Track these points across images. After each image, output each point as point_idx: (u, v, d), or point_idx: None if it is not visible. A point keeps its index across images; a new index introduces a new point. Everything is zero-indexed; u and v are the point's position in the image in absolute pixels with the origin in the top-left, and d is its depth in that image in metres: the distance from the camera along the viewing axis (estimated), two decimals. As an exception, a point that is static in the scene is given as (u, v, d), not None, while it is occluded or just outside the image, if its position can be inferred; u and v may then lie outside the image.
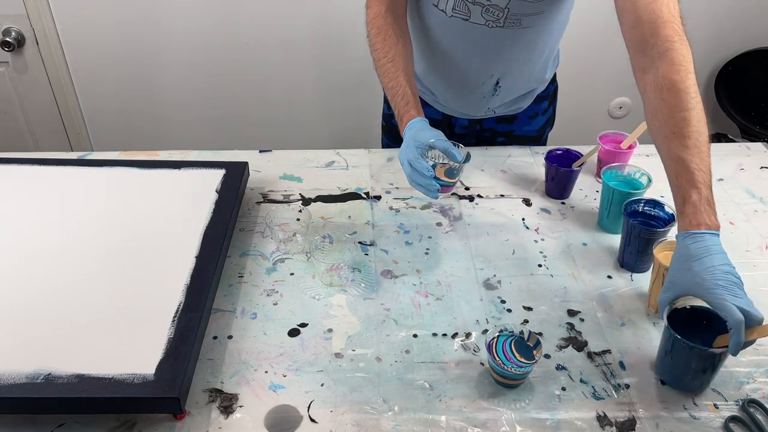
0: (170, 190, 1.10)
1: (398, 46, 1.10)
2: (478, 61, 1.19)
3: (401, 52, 1.10)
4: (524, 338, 0.85)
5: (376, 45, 1.11)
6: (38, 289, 0.89)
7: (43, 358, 0.79)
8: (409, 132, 1.02)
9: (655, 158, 0.91)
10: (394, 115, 1.08)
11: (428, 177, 0.95)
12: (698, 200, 0.82)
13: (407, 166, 0.98)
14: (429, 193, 0.97)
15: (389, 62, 1.09)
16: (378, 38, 1.11)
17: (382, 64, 1.10)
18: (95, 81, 2.04)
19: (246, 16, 1.94)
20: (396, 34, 1.11)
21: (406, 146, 0.99)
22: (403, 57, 1.10)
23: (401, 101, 1.06)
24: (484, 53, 1.17)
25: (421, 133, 0.99)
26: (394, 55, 1.09)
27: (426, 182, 0.96)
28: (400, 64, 1.09)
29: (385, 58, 1.10)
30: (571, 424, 0.79)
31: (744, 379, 0.85)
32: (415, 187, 0.98)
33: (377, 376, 0.85)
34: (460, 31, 1.14)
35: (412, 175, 0.97)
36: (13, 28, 1.89)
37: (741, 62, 2.07)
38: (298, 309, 0.95)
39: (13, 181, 1.11)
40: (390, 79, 1.09)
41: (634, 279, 1.01)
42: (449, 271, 1.02)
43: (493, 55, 1.18)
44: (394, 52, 1.10)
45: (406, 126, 1.03)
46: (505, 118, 1.35)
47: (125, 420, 0.79)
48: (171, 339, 0.82)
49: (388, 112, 1.41)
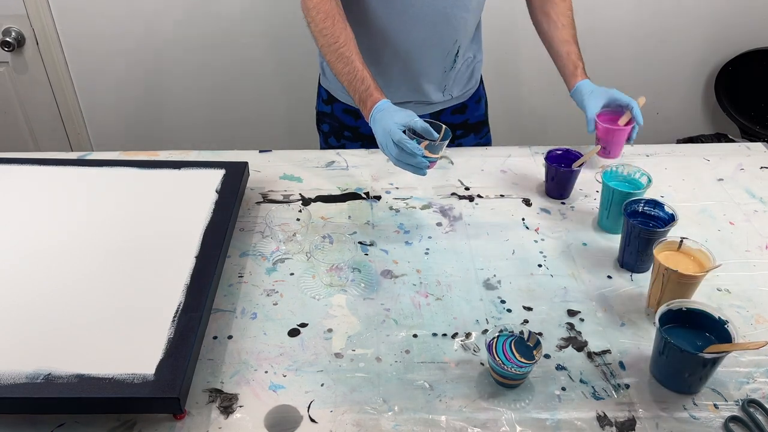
0: (170, 190, 1.10)
1: (347, 30, 1.10)
2: (446, 22, 1.20)
3: (351, 36, 1.10)
4: (524, 338, 0.85)
5: (324, 31, 1.10)
6: (38, 289, 0.89)
7: (43, 358, 0.79)
8: (380, 114, 1.03)
9: (655, 158, 0.91)
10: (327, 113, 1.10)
11: (419, 155, 0.99)
12: (583, 68, 1.28)
13: (393, 147, 1.00)
14: (418, 171, 1.02)
15: (342, 46, 1.08)
16: (327, 22, 1.10)
17: (334, 50, 1.09)
18: (95, 81, 2.04)
19: (245, 16, 1.94)
20: (343, 18, 1.11)
21: (388, 129, 1.00)
22: (353, 41, 1.10)
23: (361, 86, 1.07)
24: (451, 12, 1.19)
25: (396, 115, 1.02)
26: (346, 39, 1.09)
27: (416, 161, 1.00)
28: (353, 47, 1.09)
29: (336, 43, 1.09)
30: (571, 424, 0.79)
31: (744, 379, 0.85)
32: (403, 168, 1.02)
33: (377, 376, 0.85)
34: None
35: (399, 155, 1.00)
36: (13, 28, 1.89)
37: (741, 62, 2.07)
38: (298, 309, 0.95)
39: (13, 181, 1.11)
40: (345, 64, 1.08)
41: (634, 279, 1.01)
42: (449, 271, 1.02)
43: (459, 13, 1.20)
44: (345, 36, 1.09)
45: (373, 108, 1.04)
46: (458, 108, 1.37)
47: (125, 420, 0.79)
48: (171, 339, 0.82)
49: (321, 110, 1.42)
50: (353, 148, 1.38)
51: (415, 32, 1.20)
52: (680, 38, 2.08)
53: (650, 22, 2.02)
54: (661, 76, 2.15)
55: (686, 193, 1.21)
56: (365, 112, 1.07)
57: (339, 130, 1.39)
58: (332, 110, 1.38)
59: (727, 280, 1.00)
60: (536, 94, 2.11)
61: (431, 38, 1.22)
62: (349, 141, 1.40)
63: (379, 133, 1.03)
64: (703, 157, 1.32)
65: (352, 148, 1.38)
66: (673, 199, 1.18)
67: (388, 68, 1.25)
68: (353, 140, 1.39)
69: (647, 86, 2.16)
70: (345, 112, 1.36)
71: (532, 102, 2.14)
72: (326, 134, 1.43)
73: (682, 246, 0.94)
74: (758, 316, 0.94)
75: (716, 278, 1.00)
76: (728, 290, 0.99)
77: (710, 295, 0.97)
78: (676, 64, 2.13)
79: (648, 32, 2.04)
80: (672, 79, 2.17)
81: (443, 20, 1.20)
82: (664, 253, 0.93)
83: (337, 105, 1.36)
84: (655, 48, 2.08)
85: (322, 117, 1.43)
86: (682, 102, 2.23)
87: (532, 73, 2.06)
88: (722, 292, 0.98)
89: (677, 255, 0.94)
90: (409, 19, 1.18)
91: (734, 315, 0.94)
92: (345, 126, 1.38)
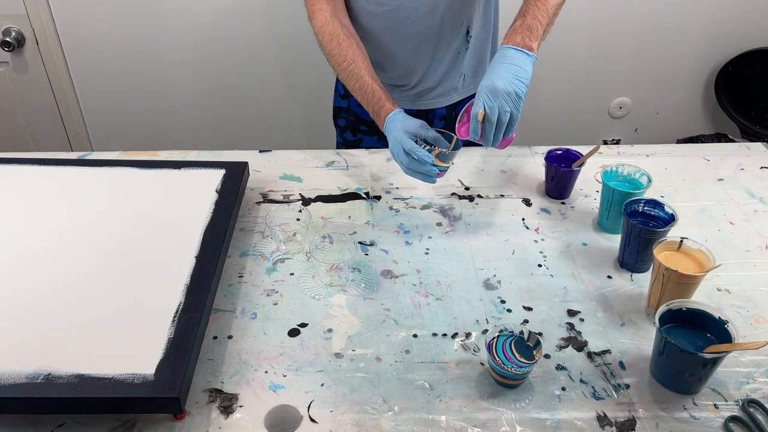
0: (170, 190, 1.10)
1: (353, 47, 1.14)
2: (448, 8, 1.19)
3: (357, 52, 1.14)
4: (524, 338, 0.85)
5: (332, 52, 1.14)
6: (38, 289, 0.89)
7: (43, 358, 0.79)
8: (392, 124, 1.06)
9: (655, 158, 0.91)
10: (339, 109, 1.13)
11: (429, 164, 1.01)
12: (519, 26, 0.98)
13: (404, 156, 1.02)
14: (427, 179, 1.03)
15: (350, 64, 1.12)
16: (332, 44, 1.14)
17: (344, 69, 1.13)
18: (95, 81, 2.04)
19: (246, 16, 1.94)
20: (347, 35, 1.14)
21: (399, 138, 1.03)
22: (361, 57, 1.13)
23: (372, 98, 1.10)
24: None
25: (407, 123, 1.05)
26: (353, 57, 1.13)
27: (426, 169, 1.02)
28: (361, 64, 1.12)
29: (345, 62, 1.13)
30: (571, 424, 0.79)
31: (744, 379, 0.85)
32: (413, 176, 1.04)
33: (377, 376, 0.85)
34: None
35: (410, 164, 1.02)
36: (13, 28, 1.89)
37: (741, 62, 2.07)
38: (298, 309, 0.95)
39: (13, 181, 1.11)
40: (355, 80, 1.12)
41: (634, 279, 1.01)
42: (449, 271, 1.02)
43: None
44: (351, 53, 1.13)
45: (387, 119, 1.07)
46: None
47: (125, 420, 0.79)
48: (171, 339, 0.82)
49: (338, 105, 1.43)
50: (370, 141, 1.40)
51: (417, 26, 1.21)
52: (680, 38, 2.08)
53: (650, 21, 2.03)
54: (661, 75, 2.15)
55: (686, 193, 1.21)
56: (380, 124, 1.10)
57: (355, 124, 1.41)
58: (348, 104, 1.39)
59: (727, 280, 1.00)
60: (542, 94, 2.11)
61: (435, 28, 1.21)
62: (366, 135, 1.41)
63: (391, 142, 1.06)
64: (703, 157, 1.32)
65: (369, 141, 1.40)
66: (673, 199, 1.18)
67: (396, 74, 1.27)
68: (370, 134, 1.40)
69: (647, 86, 2.16)
70: (361, 106, 1.37)
71: (540, 102, 2.14)
72: (342, 129, 1.45)
73: (682, 246, 0.94)
74: (758, 316, 0.94)
75: (716, 278, 1.00)
76: (728, 290, 0.99)
77: (710, 295, 0.97)
78: (676, 64, 2.13)
79: (648, 32, 2.04)
80: (672, 79, 2.17)
81: (444, 7, 1.19)
82: (664, 253, 0.93)
83: (354, 99, 1.37)
84: (655, 48, 2.08)
85: (338, 111, 1.44)
86: (682, 102, 2.23)
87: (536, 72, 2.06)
88: (722, 292, 0.98)
89: (677, 255, 0.94)
90: (406, 19, 1.19)
91: (734, 315, 0.94)
92: (361, 120, 1.39)
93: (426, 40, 1.23)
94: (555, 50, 2.04)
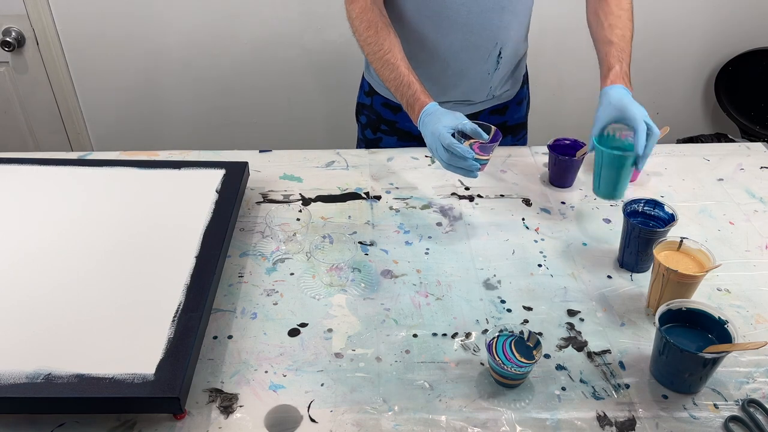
0: (170, 190, 1.10)
1: (391, 36, 1.11)
2: (483, 27, 1.19)
3: (395, 42, 1.11)
4: (524, 338, 0.85)
5: (368, 39, 1.11)
6: (38, 288, 0.89)
7: (43, 358, 0.79)
8: (428, 118, 1.03)
9: (655, 158, 0.91)
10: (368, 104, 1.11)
11: (470, 158, 0.99)
12: (619, 70, 1.08)
13: (444, 152, 1.00)
14: (469, 174, 1.01)
15: (387, 53, 1.10)
16: (370, 31, 1.11)
17: (379, 57, 1.10)
18: (95, 81, 2.04)
19: (246, 16, 1.94)
20: (386, 24, 1.12)
21: (438, 133, 1.00)
22: (397, 47, 1.11)
23: (408, 90, 1.07)
24: (488, 17, 1.18)
25: (444, 118, 1.02)
26: (390, 46, 1.10)
27: (467, 164, 1.00)
28: (397, 54, 1.10)
29: (381, 50, 1.10)
30: (571, 424, 0.79)
31: (744, 379, 0.85)
32: (454, 171, 1.02)
33: (377, 376, 0.85)
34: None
35: (450, 159, 1.00)
36: (13, 28, 1.89)
37: (741, 62, 2.07)
38: (298, 309, 0.95)
39: (13, 181, 1.11)
40: (390, 70, 1.09)
41: (634, 279, 1.01)
42: (449, 271, 1.02)
43: (497, 18, 1.19)
44: (388, 43, 1.10)
45: (422, 112, 1.05)
46: (498, 109, 1.36)
47: (125, 420, 0.79)
48: (171, 339, 0.82)
49: (362, 102, 1.43)
50: (389, 141, 1.40)
51: (452, 36, 1.20)
52: (680, 38, 2.08)
53: (650, 22, 2.02)
54: (661, 76, 2.15)
55: (686, 193, 1.21)
56: (413, 117, 1.07)
57: (376, 123, 1.40)
58: (372, 102, 1.39)
59: (727, 280, 1.00)
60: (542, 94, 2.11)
61: (468, 42, 1.21)
62: (386, 135, 1.41)
63: (428, 137, 1.03)
64: (703, 157, 1.32)
65: (389, 141, 1.40)
66: (673, 199, 1.18)
67: (427, 71, 1.25)
68: (389, 134, 1.40)
69: (647, 86, 2.16)
70: (384, 106, 1.37)
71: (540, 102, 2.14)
72: (363, 126, 1.44)
73: (682, 246, 0.94)
74: (758, 316, 0.94)
75: (716, 278, 1.00)
76: (728, 290, 0.99)
77: (710, 295, 0.97)
78: (676, 64, 2.13)
79: (648, 32, 2.04)
80: (672, 79, 2.17)
81: (480, 25, 1.19)
82: (664, 253, 0.93)
83: (377, 98, 1.38)
84: (655, 48, 2.08)
85: (360, 108, 1.44)
86: (682, 102, 2.23)
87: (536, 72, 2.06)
88: (722, 292, 0.98)
89: (677, 255, 0.94)
90: (443, 23, 1.18)
91: (734, 315, 0.94)
92: (382, 119, 1.39)
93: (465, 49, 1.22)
94: (556, 51, 2.04)
